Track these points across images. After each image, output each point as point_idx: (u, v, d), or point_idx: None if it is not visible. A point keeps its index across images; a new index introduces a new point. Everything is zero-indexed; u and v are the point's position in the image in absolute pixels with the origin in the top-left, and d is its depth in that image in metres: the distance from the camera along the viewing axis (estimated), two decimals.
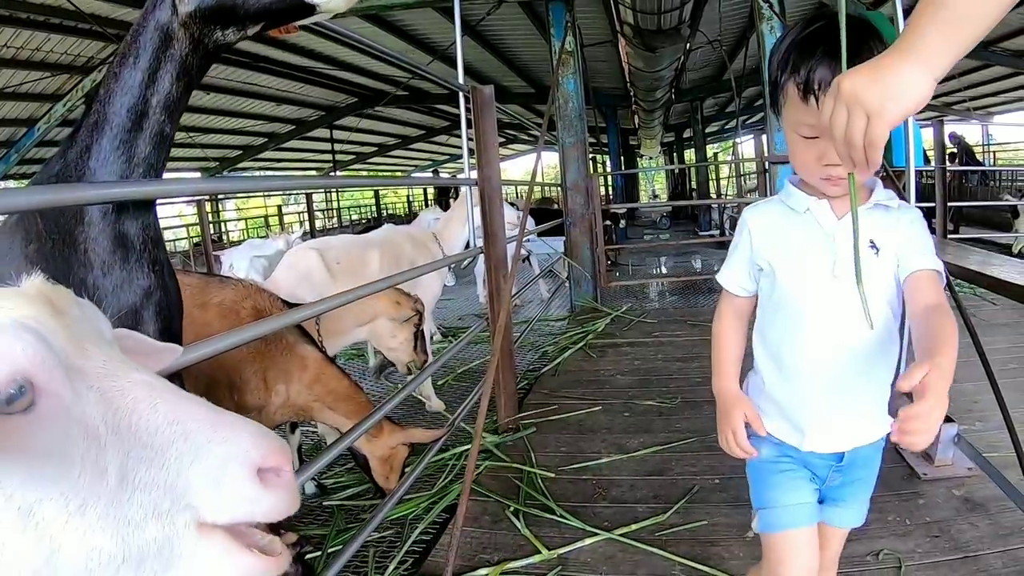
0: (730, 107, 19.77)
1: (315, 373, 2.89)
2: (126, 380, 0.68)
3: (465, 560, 2.65)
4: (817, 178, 1.43)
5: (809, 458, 1.56)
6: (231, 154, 18.44)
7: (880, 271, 1.42)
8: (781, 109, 1.46)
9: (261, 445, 0.68)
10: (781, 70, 1.40)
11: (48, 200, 1.39)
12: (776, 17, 6.64)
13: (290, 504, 0.70)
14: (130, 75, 1.56)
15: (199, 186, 4.53)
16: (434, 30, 10.29)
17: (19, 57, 8.94)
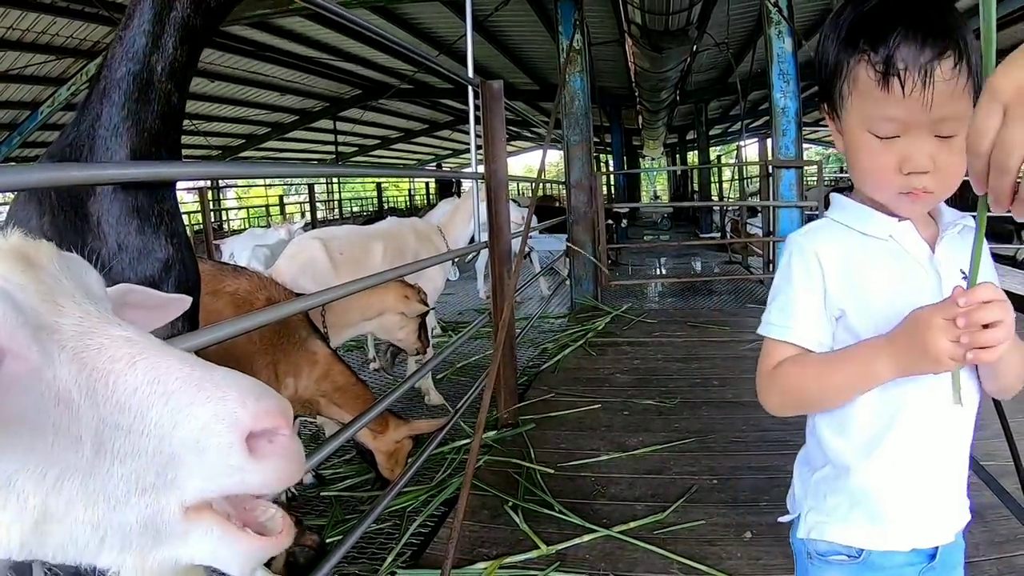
0: (735, 110, 19.78)
1: (324, 369, 2.92)
2: (104, 337, 0.61)
3: (463, 553, 2.65)
4: (893, 192, 1.09)
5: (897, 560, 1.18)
6: (234, 143, 18.43)
7: None
8: (841, 104, 1.12)
9: (251, 404, 0.59)
10: (845, 51, 1.08)
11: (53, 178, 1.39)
12: (784, 21, 6.65)
13: (289, 473, 0.61)
14: (133, 40, 1.55)
15: (203, 170, 4.52)
16: (440, 24, 10.29)
17: (24, 39, 8.93)
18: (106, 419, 0.57)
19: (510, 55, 12.50)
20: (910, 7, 1.03)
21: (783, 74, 6.81)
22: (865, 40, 1.04)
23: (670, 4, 6.89)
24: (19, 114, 11.30)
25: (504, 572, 2.55)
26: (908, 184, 1.05)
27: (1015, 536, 2.50)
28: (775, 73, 6.83)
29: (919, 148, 1.03)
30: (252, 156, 20.69)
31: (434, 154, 30.47)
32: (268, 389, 0.62)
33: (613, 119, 18.46)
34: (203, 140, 15.62)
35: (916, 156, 1.03)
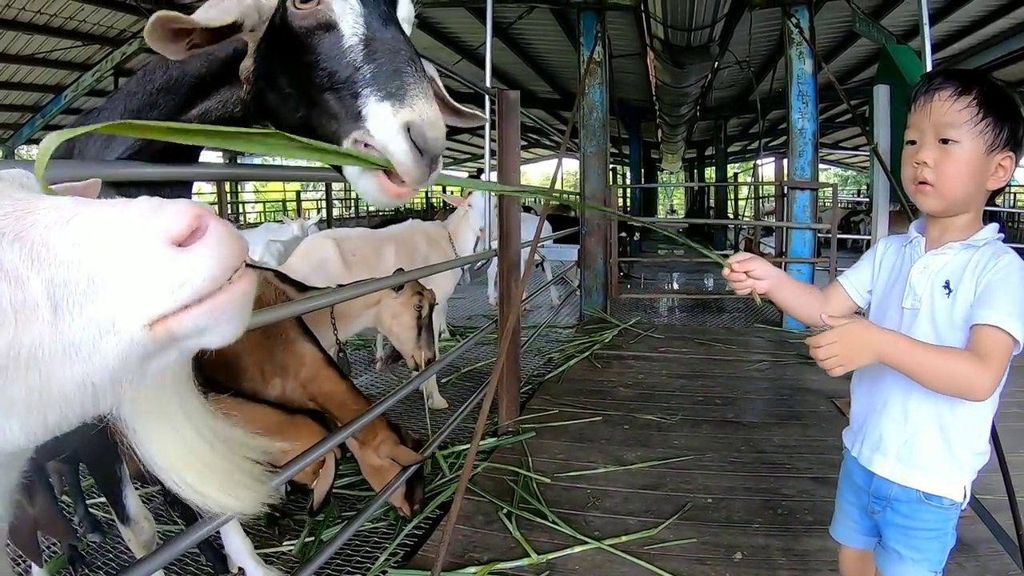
0: (754, 128, 19.75)
1: (312, 372, 2.89)
2: (36, 213, 0.63)
3: (455, 557, 2.68)
4: (910, 182, 1.55)
5: (856, 473, 1.70)
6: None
7: (951, 314, 1.49)
8: None
9: (163, 213, 0.60)
10: None
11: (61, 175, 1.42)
12: (805, 43, 6.66)
13: (230, 253, 0.61)
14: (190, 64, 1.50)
15: (220, 172, 4.56)
16: (463, 29, 10.32)
17: (52, 24, 9.00)
18: (54, 279, 0.59)
19: (531, 63, 12.52)
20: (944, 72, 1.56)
21: (802, 95, 6.81)
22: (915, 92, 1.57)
23: (693, 20, 6.92)
24: (43, 97, 11.39)
25: None
26: (916, 175, 1.52)
27: (1006, 572, 2.50)
28: (794, 94, 6.83)
29: (925, 147, 1.51)
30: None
31: (452, 158, 30.51)
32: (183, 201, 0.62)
33: (632, 131, 18.43)
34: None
35: (921, 152, 1.51)
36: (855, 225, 15.23)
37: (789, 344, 6.26)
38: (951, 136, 1.47)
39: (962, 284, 1.47)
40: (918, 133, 1.53)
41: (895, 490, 1.58)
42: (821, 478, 3.35)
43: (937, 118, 1.48)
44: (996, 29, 9.23)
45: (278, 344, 2.88)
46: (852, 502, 1.75)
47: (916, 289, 1.55)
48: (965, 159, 1.47)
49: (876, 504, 1.64)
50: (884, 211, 4.17)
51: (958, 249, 1.51)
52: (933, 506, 1.54)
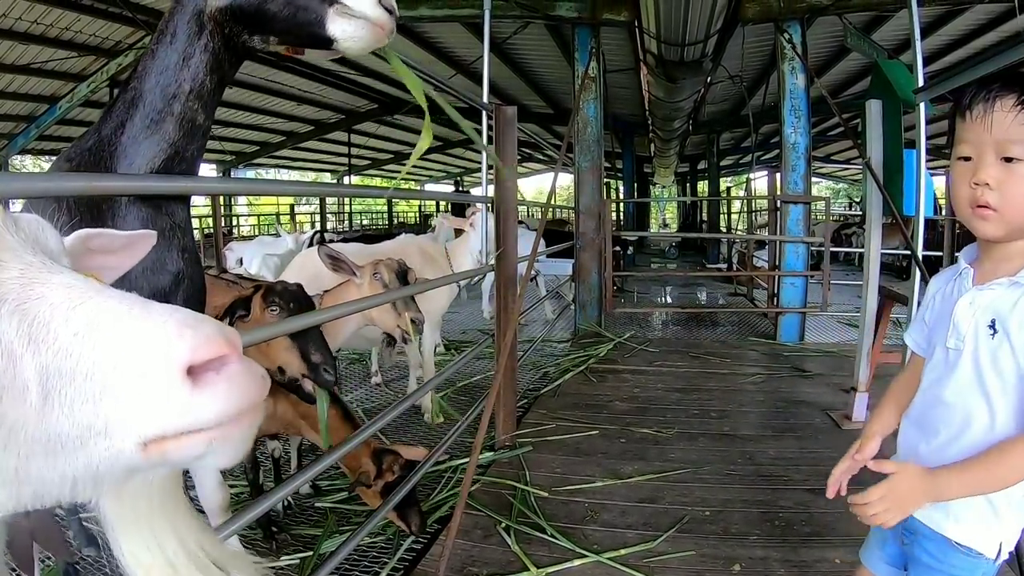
0: (746, 142, 19.86)
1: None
2: (44, 286, 0.60)
3: (454, 572, 2.68)
4: (966, 206, 1.36)
5: None
6: (248, 149, 18.55)
7: (995, 357, 1.33)
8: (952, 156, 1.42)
9: (187, 336, 0.56)
10: (952, 115, 1.42)
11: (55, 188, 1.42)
12: (798, 58, 6.72)
13: (242, 398, 0.58)
14: (165, 55, 1.60)
15: (214, 185, 4.55)
16: (459, 44, 10.38)
17: (48, 35, 9.03)
18: (49, 366, 0.56)
19: (526, 78, 12.58)
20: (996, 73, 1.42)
21: (795, 110, 6.87)
22: (958, 99, 1.38)
23: (686, 35, 6.96)
24: (38, 107, 11.40)
25: None
26: (974, 197, 1.32)
27: None
28: (787, 109, 6.89)
29: (985, 165, 1.31)
30: (265, 163, 20.85)
31: (446, 171, 30.58)
32: (208, 319, 0.59)
33: (625, 145, 18.52)
34: (218, 145, 15.74)
35: (981, 171, 1.31)
36: (847, 238, 15.31)
37: (783, 357, 6.29)
38: (1016, 153, 1.28)
39: (1010, 325, 1.31)
40: (974, 149, 1.33)
41: (926, 529, 1.47)
42: (818, 489, 3.36)
43: (1000, 132, 1.28)
44: (987, 42, 9.32)
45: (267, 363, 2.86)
46: (884, 531, 1.60)
47: (960, 327, 1.39)
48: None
49: (906, 536, 1.53)
50: (877, 224, 4.21)
51: (1006, 285, 1.34)
52: (962, 552, 1.42)
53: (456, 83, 3.77)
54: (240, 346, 0.59)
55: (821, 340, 7.25)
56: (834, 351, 6.49)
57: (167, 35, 1.61)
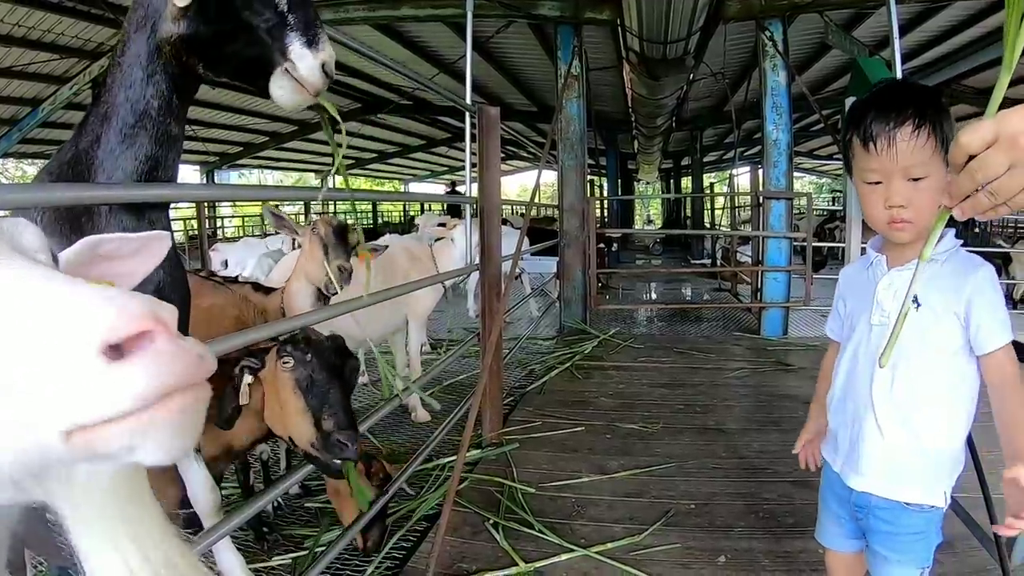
0: (729, 138, 19.95)
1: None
2: None
3: (444, 568, 2.70)
4: (884, 224, 1.54)
5: (837, 483, 1.74)
6: (232, 150, 18.47)
7: (920, 328, 1.50)
8: (852, 168, 1.60)
9: (105, 312, 0.50)
10: (848, 129, 1.57)
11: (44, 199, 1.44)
12: (779, 56, 6.77)
13: (172, 373, 0.51)
14: (131, 70, 1.63)
15: (197, 192, 4.54)
16: (441, 43, 10.38)
17: (29, 37, 8.95)
18: None
19: (508, 76, 12.60)
20: (884, 96, 1.51)
21: (776, 107, 6.93)
22: (854, 122, 1.54)
23: (668, 33, 7.01)
24: (20, 110, 11.30)
25: None
26: (891, 216, 1.51)
27: (984, 567, 2.57)
28: (768, 106, 6.95)
29: (896, 190, 1.48)
30: (249, 164, 20.76)
31: (430, 170, 30.55)
32: (140, 296, 0.53)
33: (609, 143, 18.58)
34: (201, 146, 15.67)
35: (893, 196, 1.49)
36: (830, 232, 15.41)
37: (767, 351, 6.35)
38: (919, 174, 1.47)
39: (931, 296, 1.50)
40: (883, 176, 1.50)
41: (875, 499, 1.62)
42: (801, 482, 3.41)
43: (904, 160, 1.46)
44: (967, 38, 9.41)
45: None
46: (835, 509, 1.79)
47: (883, 305, 1.60)
48: (936, 188, 1.45)
49: (859, 511, 1.68)
50: (858, 219, 4.26)
51: (933, 264, 1.51)
52: (914, 511, 1.58)
53: (439, 82, 3.79)
54: (172, 321, 0.53)
55: (804, 334, 7.31)
56: (817, 345, 6.54)
57: (129, 49, 1.64)
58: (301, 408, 2.19)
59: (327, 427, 2.16)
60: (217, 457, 2.48)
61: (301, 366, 2.22)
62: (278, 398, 2.24)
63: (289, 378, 2.22)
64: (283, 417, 2.25)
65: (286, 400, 2.22)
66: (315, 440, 2.18)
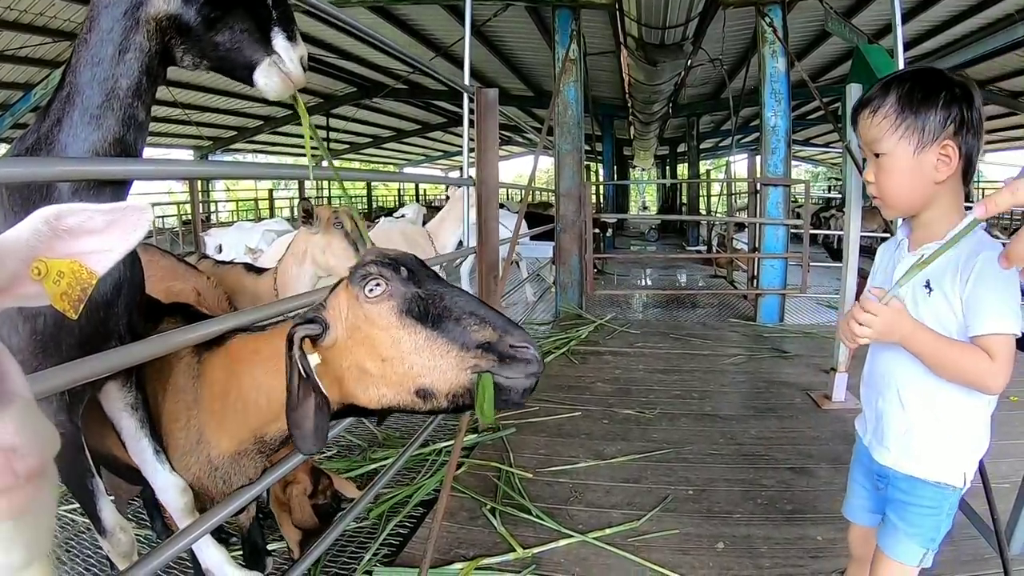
0: (726, 125, 19.91)
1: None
2: None
3: (441, 554, 2.69)
4: None
5: (864, 453, 1.80)
6: (226, 134, 18.38)
7: (933, 312, 1.54)
8: None
9: None
10: None
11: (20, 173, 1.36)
12: (778, 42, 6.73)
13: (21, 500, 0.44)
14: (99, 46, 1.53)
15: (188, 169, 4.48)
16: (437, 27, 10.31)
17: (21, 20, 8.87)
18: None
19: (505, 60, 12.53)
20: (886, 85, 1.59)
21: (775, 93, 6.90)
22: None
23: (667, 18, 6.97)
24: (12, 95, 11.21)
25: (480, 573, 2.58)
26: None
27: (981, 556, 2.57)
28: (767, 92, 6.92)
29: (868, 165, 1.63)
30: (243, 148, 20.65)
31: (425, 154, 30.48)
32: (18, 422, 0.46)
33: (605, 128, 18.51)
34: (195, 130, 15.58)
35: (866, 171, 1.63)
36: (825, 221, 15.43)
37: (763, 338, 6.34)
38: (880, 150, 1.57)
39: (943, 283, 1.52)
40: (864, 154, 1.64)
41: (897, 473, 1.67)
42: (798, 468, 3.41)
43: (864, 136, 1.60)
44: (967, 28, 9.38)
45: None
46: (861, 481, 1.86)
47: (899, 289, 1.58)
48: (897, 167, 1.54)
49: (880, 481, 1.75)
50: (856, 208, 4.24)
51: (933, 249, 1.49)
52: (930, 485, 1.62)
53: (435, 65, 3.74)
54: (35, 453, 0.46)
55: (800, 321, 7.31)
56: (813, 332, 6.55)
57: (99, 24, 1.54)
58: (427, 338, 1.51)
59: (484, 337, 1.47)
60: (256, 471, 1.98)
61: (399, 284, 1.55)
62: (375, 348, 1.57)
63: (390, 308, 1.56)
64: (393, 370, 1.56)
65: (395, 341, 1.54)
66: (475, 367, 1.47)
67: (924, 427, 1.61)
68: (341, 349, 1.60)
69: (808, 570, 2.55)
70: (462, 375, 1.47)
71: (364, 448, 4.03)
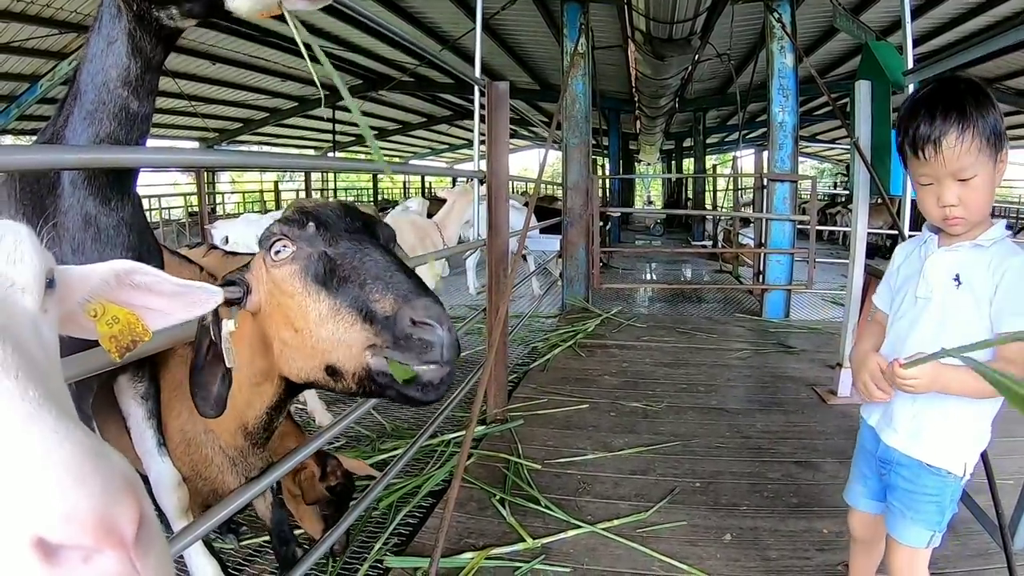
0: (732, 120, 19.89)
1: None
2: None
3: (451, 544, 2.72)
4: (939, 220, 1.68)
5: (868, 439, 1.91)
6: (232, 126, 18.38)
7: (959, 304, 1.65)
8: (909, 173, 1.73)
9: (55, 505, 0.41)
10: (899, 134, 1.70)
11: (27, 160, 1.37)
12: (787, 37, 6.73)
13: None
14: (95, 43, 1.55)
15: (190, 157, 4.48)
16: (445, 19, 10.31)
17: (28, 12, 8.88)
18: None
19: (512, 54, 12.52)
20: (930, 99, 1.61)
21: (783, 89, 6.90)
22: (903, 126, 1.66)
23: (675, 13, 6.95)
24: (18, 86, 11.23)
25: (490, 563, 2.61)
26: (944, 214, 1.64)
27: (985, 551, 2.59)
28: (775, 88, 6.92)
29: (946, 191, 1.61)
30: (249, 140, 20.66)
31: (431, 148, 30.43)
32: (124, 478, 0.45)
33: (612, 123, 18.49)
34: (200, 122, 15.59)
35: (945, 196, 1.62)
36: (831, 217, 15.42)
37: (769, 333, 6.37)
38: (968, 175, 1.59)
39: (973, 279, 1.63)
40: (934, 179, 1.64)
41: (901, 457, 1.75)
42: (804, 462, 3.44)
43: (952, 166, 1.58)
44: (975, 26, 9.36)
45: None
46: (862, 467, 1.96)
47: (929, 280, 1.71)
48: (985, 185, 1.60)
49: (883, 467, 1.83)
50: (864, 204, 4.25)
51: (968, 247, 1.66)
52: (933, 473, 1.70)
53: (443, 58, 3.76)
54: (129, 526, 0.44)
55: (806, 317, 7.33)
56: (819, 328, 6.57)
57: (96, 22, 1.55)
58: (330, 308, 1.34)
59: (385, 309, 1.27)
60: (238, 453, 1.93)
61: (305, 244, 1.41)
62: (287, 316, 1.42)
63: (293, 272, 1.40)
64: (304, 342, 1.40)
65: (301, 310, 1.38)
66: (374, 349, 1.28)
67: (932, 415, 1.69)
68: (264, 316, 1.49)
69: (814, 562, 2.57)
70: (361, 355, 1.30)
71: (373, 439, 4.07)
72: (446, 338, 1.22)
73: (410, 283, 1.29)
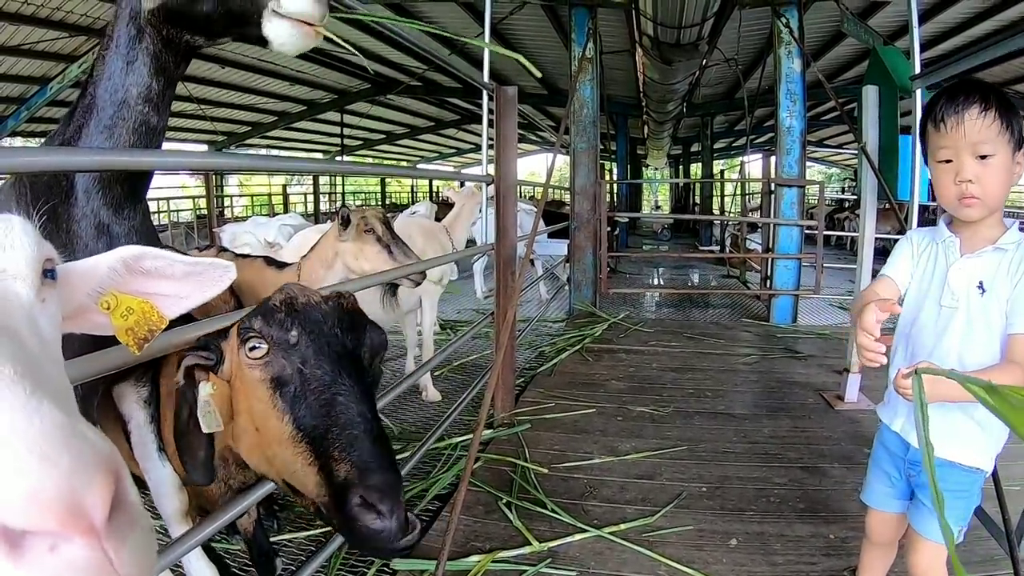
0: (740, 125, 19.85)
1: None
2: None
3: (457, 547, 2.73)
4: (955, 201, 1.70)
5: (892, 442, 1.94)
6: (240, 130, 18.44)
7: (984, 311, 1.69)
8: (927, 154, 1.77)
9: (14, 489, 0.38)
10: (924, 122, 1.75)
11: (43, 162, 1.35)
12: (794, 42, 6.73)
13: None
14: (112, 61, 1.59)
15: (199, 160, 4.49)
16: (452, 24, 10.33)
17: (39, 15, 8.93)
18: None
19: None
20: (955, 86, 1.67)
21: (790, 94, 6.90)
22: (928, 111, 1.73)
23: (682, 18, 6.97)
24: (28, 89, 11.29)
25: (497, 566, 2.62)
26: (960, 191, 1.66)
27: (991, 557, 2.58)
28: (783, 92, 6.92)
29: (965, 166, 1.65)
30: (257, 144, 20.74)
31: (438, 152, 30.46)
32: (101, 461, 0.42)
33: (619, 127, 18.47)
34: (209, 125, 15.65)
35: (963, 171, 1.65)
36: (839, 222, 15.39)
37: (776, 338, 6.36)
38: (988, 151, 1.63)
39: (996, 284, 1.67)
40: (953, 153, 1.67)
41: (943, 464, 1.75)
42: (811, 467, 3.43)
43: (972, 137, 1.63)
44: (983, 30, 9.34)
45: None
46: (887, 470, 1.98)
47: (954, 290, 1.74)
48: (1003, 168, 1.65)
49: (912, 468, 1.88)
50: (872, 208, 4.25)
51: (990, 252, 1.70)
52: (962, 470, 1.76)
53: (452, 62, 3.77)
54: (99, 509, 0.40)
55: (814, 322, 7.32)
56: (826, 333, 6.56)
57: (112, 41, 1.60)
58: (291, 437, 1.28)
59: (340, 473, 1.22)
60: None
61: (281, 352, 1.31)
62: (251, 411, 1.35)
63: (263, 380, 1.31)
64: (263, 446, 1.35)
65: (264, 418, 1.32)
66: (321, 492, 1.25)
67: (961, 419, 1.74)
68: (233, 389, 1.39)
69: (820, 567, 2.57)
70: (315, 491, 1.25)
71: None
72: (392, 526, 1.18)
73: (372, 449, 1.23)
